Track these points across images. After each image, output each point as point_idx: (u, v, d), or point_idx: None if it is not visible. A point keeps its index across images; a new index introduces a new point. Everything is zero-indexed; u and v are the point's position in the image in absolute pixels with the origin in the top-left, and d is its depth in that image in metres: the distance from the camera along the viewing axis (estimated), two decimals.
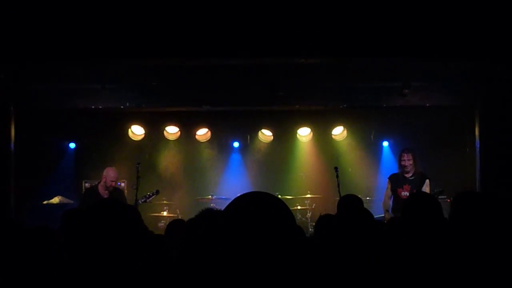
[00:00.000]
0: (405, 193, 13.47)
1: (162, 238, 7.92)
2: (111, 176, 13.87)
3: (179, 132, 17.77)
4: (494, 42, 11.87)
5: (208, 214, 5.45)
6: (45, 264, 5.69)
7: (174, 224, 7.91)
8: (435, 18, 11.76)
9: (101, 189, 13.83)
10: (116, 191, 14.03)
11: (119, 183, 15.71)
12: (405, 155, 13.83)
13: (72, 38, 11.69)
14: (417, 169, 13.87)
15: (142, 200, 13.84)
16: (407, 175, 13.75)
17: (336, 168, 13.95)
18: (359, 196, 8.92)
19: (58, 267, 5.44)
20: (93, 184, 14.50)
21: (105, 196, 13.54)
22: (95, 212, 4.62)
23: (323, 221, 7.18)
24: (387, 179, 14.22)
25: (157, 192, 14.30)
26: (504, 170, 13.29)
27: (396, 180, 13.89)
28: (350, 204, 7.95)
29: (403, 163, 13.77)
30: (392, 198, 13.90)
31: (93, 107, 15.70)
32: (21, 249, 5.94)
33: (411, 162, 13.74)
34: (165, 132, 17.71)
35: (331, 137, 18.00)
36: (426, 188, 13.54)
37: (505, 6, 11.66)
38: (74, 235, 6.91)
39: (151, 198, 14.11)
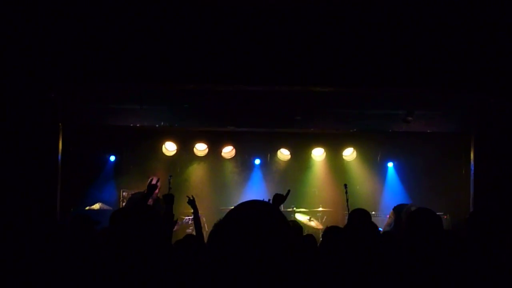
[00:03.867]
0: None
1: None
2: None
3: (207, 149, 17.80)
4: (488, 78, 11.90)
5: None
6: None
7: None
8: (437, 55, 11.80)
9: None
10: (159, 201, 14.04)
11: None
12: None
13: (116, 65, 11.80)
14: None
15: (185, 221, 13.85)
16: None
17: (345, 185, 13.89)
18: None
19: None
20: (139, 191, 14.47)
21: (150, 203, 13.53)
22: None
23: (330, 231, 7.25)
24: (392, 210, 13.75)
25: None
26: (494, 190, 13.27)
27: (399, 217, 13.40)
28: (361, 217, 7.98)
29: None
30: (392, 225, 13.66)
31: (131, 125, 15.77)
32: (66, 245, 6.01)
33: None
34: (194, 149, 17.75)
35: (342, 157, 18.00)
36: None
37: (500, 47, 11.70)
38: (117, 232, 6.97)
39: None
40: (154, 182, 9.68)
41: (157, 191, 13.54)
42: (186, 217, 14.49)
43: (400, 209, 13.42)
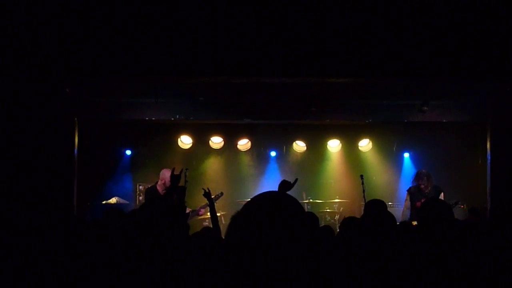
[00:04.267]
0: None
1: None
2: (169, 177, 13.68)
3: (223, 142, 17.83)
4: (504, 67, 11.84)
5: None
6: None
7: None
8: (451, 45, 11.76)
9: (159, 189, 13.78)
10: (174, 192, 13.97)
11: None
12: (420, 180, 13.67)
13: (130, 59, 11.81)
14: (432, 184, 13.81)
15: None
16: (424, 191, 13.67)
17: (361, 176, 13.90)
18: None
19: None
20: (151, 185, 14.43)
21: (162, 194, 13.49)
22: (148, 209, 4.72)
23: (347, 222, 7.23)
24: (406, 191, 14.13)
25: (222, 194, 14.45)
26: (511, 179, 13.21)
27: (414, 195, 13.76)
28: (376, 207, 7.98)
29: (420, 186, 13.63)
30: (410, 209, 13.83)
31: (147, 118, 15.80)
32: (84, 239, 6.04)
33: (426, 184, 13.62)
34: (210, 142, 17.78)
35: (358, 148, 18.00)
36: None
37: None
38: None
39: (217, 199, 14.04)
40: (176, 172, 9.61)
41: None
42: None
43: (410, 188, 13.83)
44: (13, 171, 12.28)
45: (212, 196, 13.38)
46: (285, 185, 8.67)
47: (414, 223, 12.23)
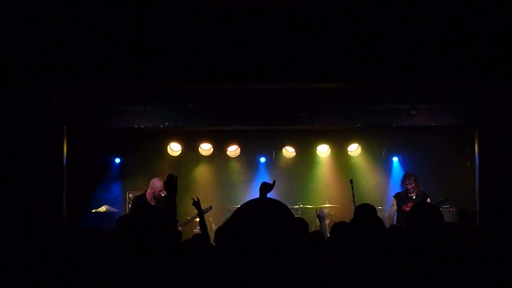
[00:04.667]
0: (409, 209, 13.56)
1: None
2: (159, 186, 13.66)
3: (212, 149, 17.80)
4: (491, 71, 11.90)
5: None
6: (95, 259, 5.76)
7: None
8: (439, 49, 11.80)
9: (149, 197, 13.73)
10: (163, 201, 13.94)
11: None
12: (408, 180, 13.96)
13: (119, 66, 11.81)
14: (419, 189, 13.97)
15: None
16: (411, 195, 13.85)
17: (351, 181, 13.95)
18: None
19: (107, 261, 5.50)
20: (141, 193, 14.38)
21: (153, 204, 13.46)
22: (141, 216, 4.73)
23: (338, 227, 7.26)
24: (393, 197, 14.42)
25: (210, 208, 14.49)
26: (499, 182, 13.30)
27: (401, 199, 13.97)
28: (366, 212, 8.00)
29: (407, 187, 13.90)
30: (396, 213, 13.96)
31: (136, 126, 15.76)
32: (74, 247, 6.04)
33: (413, 185, 13.86)
34: (199, 149, 17.74)
35: (347, 153, 18.00)
36: None
37: (503, 39, 11.69)
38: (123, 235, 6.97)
39: (206, 213, 14.02)
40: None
41: (161, 192, 13.47)
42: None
43: (397, 193, 14.06)
44: (1, 180, 12.27)
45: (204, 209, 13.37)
46: (265, 187, 8.67)
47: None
